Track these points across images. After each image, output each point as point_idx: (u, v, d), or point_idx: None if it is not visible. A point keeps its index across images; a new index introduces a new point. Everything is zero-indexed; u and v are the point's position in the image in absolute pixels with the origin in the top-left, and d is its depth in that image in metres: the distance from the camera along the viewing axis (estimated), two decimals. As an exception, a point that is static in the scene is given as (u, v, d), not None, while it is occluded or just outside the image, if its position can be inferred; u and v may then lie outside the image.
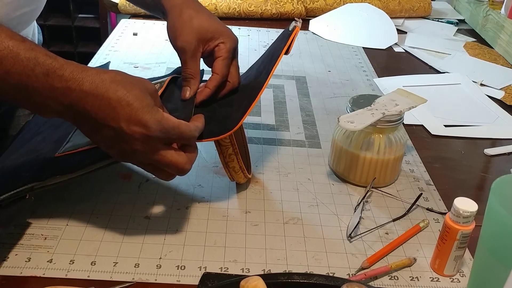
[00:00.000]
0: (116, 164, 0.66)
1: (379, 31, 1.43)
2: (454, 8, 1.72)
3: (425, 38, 1.44)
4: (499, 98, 1.13)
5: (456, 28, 1.55)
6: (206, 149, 0.84)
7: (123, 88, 0.56)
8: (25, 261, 0.61)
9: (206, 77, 0.74)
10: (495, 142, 0.97)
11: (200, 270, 0.62)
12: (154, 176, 0.76)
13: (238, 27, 1.44)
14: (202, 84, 0.74)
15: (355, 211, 0.73)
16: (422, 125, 1.00)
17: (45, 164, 0.67)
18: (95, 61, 1.16)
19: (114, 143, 0.58)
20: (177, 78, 0.79)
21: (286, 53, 0.70)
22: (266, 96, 1.06)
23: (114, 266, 0.62)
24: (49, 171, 0.65)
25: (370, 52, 1.34)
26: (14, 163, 0.71)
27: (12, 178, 0.66)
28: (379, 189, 0.79)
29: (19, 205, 0.63)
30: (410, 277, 0.64)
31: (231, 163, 0.72)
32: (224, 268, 0.63)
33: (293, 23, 0.71)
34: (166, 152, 0.60)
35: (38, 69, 0.54)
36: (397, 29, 1.44)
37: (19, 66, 0.53)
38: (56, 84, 0.54)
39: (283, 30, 0.77)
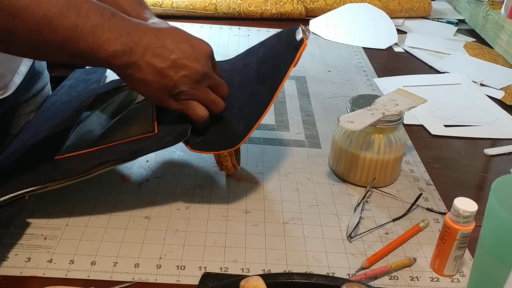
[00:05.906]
0: (116, 166, 0.66)
1: (379, 31, 1.43)
2: (454, 8, 1.72)
3: (425, 38, 1.44)
4: (499, 98, 1.13)
5: (456, 28, 1.55)
6: (206, 149, 0.84)
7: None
8: (25, 261, 0.61)
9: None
10: (495, 142, 0.97)
11: (200, 270, 0.62)
12: (154, 176, 0.77)
13: (238, 27, 1.43)
14: None
15: (355, 211, 0.73)
16: (422, 125, 1.00)
17: (45, 167, 0.67)
18: (95, 61, 1.15)
19: (186, 59, 0.65)
20: None
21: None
22: (266, 96, 1.06)
23: (114, 266, 0.62)
24: (49, 175, 0.64)
25: (370, 52, 1.34)
26: (14, 164, 0.71)
27: (12, 179, 0.66)
28: (379, 189, 0.79)
29: (19, 205, 0.63)
30: (410, 277, 0.64)
31: (225, 163, 0.73)
32: (224, 268, 0.63)
33: (301, 34, 0.70)
34: (208, 91, 0.69)
35: (107, 11, 0.61)
36: (397, 29, 1.44)
37: (93, 5, 0.60)
38: (125, 22, 0.63)
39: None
